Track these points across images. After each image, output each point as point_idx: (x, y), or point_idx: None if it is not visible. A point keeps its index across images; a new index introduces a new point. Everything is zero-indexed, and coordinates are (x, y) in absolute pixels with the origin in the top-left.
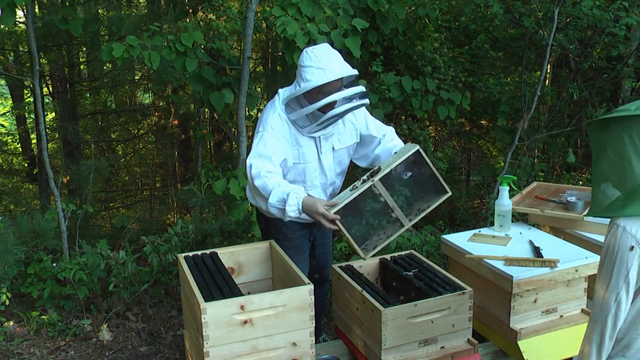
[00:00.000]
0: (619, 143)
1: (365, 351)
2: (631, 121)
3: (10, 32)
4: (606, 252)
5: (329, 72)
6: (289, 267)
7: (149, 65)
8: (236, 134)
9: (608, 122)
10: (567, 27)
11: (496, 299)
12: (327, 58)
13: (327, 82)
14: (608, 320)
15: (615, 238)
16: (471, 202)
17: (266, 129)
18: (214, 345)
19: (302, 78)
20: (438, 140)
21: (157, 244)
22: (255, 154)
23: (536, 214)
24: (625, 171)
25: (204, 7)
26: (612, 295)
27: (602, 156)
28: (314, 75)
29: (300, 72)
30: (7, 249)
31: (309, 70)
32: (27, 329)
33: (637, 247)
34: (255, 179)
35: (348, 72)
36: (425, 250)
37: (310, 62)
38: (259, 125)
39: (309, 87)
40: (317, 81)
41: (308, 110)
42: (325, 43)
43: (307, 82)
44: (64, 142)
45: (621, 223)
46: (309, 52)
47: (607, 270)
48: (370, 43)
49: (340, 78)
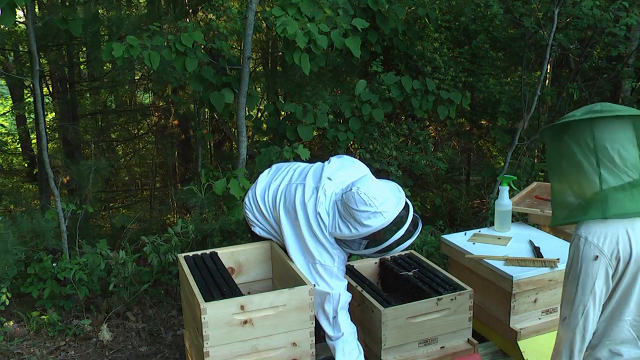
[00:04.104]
0: (570, 151)
1: (365, 351)
2: (576, 126)
3: (10, 32)
4: (570, 265)
5: (387, 215)
6: (289, 267)
7: (149, 65)
8: (236, 134)
9: (555, 128)
10: (567, 27)
11: (496, 299)
12: (381, 199)
13: (388, 225)
14: (577, 334)
15: (578, 250)
16: (471, 202)
17: (331, 248)
18: (214, 345)
19: (358, 222)
20: (438, 140)
21: (157, 244)
22: (336, 276)
23: (536, 214)
24: (580, 179)
25: (204, 7)
26: (579, 308)
27: (556, 164)
28: (371, 220)
29: (355, 215)
30: (7, 249)
31: (364, 215)
32: (27, 329)
33: (601, 256)
34: (342, 309)
35: (401, 205)
36: (425, 250)
37: (366, 207)
38: (310, 229)
39: (370, 231)
40: (378, 226)
41: (376, 249)
42: (368, 175)
43: (367, 227)
44: (64, 142)
45: (582, 233)
46: (361, 195)
47: (572, 283)
48: (370, 43)
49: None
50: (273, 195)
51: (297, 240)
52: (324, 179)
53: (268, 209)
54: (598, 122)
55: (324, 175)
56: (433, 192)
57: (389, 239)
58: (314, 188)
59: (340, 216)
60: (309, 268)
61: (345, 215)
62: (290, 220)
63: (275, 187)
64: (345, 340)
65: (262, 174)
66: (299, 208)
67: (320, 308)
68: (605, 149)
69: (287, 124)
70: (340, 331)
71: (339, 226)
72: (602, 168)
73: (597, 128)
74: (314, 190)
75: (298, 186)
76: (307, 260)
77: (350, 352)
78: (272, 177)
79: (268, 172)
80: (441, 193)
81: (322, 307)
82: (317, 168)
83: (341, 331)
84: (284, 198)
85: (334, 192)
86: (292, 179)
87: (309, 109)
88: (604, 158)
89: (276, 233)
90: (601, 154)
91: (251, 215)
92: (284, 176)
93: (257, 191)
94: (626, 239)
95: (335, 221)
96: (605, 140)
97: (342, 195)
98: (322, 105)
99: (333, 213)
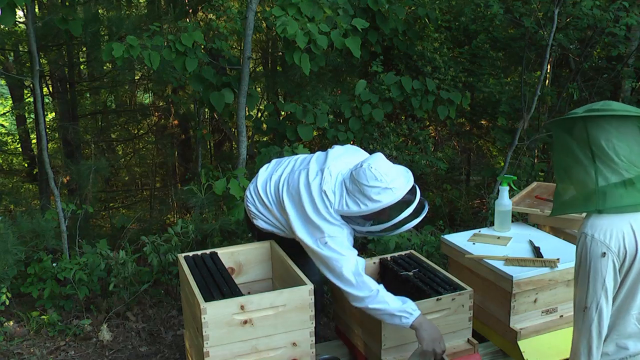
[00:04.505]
0: (570, 146)
1: (365, 351)
2: (575, 123)
3: (10, 32)
4: (579, 263)
5: (396, 191)
6: (289, 267)
7: (149, 65)
8: (236, 134)
9: (557, 124)
10: (567, 27)
11: (496, 299)
12: (391, 176)
13: (398, 201)
14: (593, 331)
15: (585, 248)
16: (471, 202)
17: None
18: (214, 345)
19: (368, 197)
20: (438, 140)
21: (157, 244)
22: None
23: (536, 214)
24: (579, 174)
25: (204, 7)
26: (592, 305)
27: (561, 157)
28: (381, 195)
29: (365, 191)
30: (7, 249)
31: (375, 190)
32: (27, 329)
33: (608, 252)
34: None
35: (410, 183)
36: (425, 250)
37: (376, 183)
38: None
39: (380, 207)
40: (388, 202)
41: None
42: (379, 153)
43: (377, 202)
44: (64, 142)
45: (589, 231)
46: (372, 170)
47: (583, 281)
48: (370, 43)
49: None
50: (275, 185)
51: (303, 222)
52: (329, 161)
53: (270, 199)
54: (594, 120)
55: (329, 159)
56: (433, 192)
57: (397, 217)
58: (319, 170)
59: (349, 193)
60: (318, 245)
61: (354, 192)
62: (294, 204)
63: (277, 177)
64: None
65: (262, 168)
66: (303, 190)
67: (339, 279)
68: (602, 146)
69: (287, 124)
70: (371, 288)
71: (346, 203)
72: (600, 164)
73: (592, 126)
74: (318, 172)
75: (301, 172)
76: (315, 237)
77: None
78: (272, 170)
79: (267, 167)
80: (441, 193)
81: (341, 277)
82: (320, 154)
83: (372, 288)
84: (287, 185)
85: (340, 172)
86: (295, 167)
87: (309, 109)
88: (602, 155)
89: (279, 224)
90: (598, 151)
91: (253, 208)
92: (286, 166)
93: (259, 184)
94: (631, 234)
95: (343, 199)
96: (600, 138)
97: (351, 172)
98: (322, 105)
99: (340, 191)
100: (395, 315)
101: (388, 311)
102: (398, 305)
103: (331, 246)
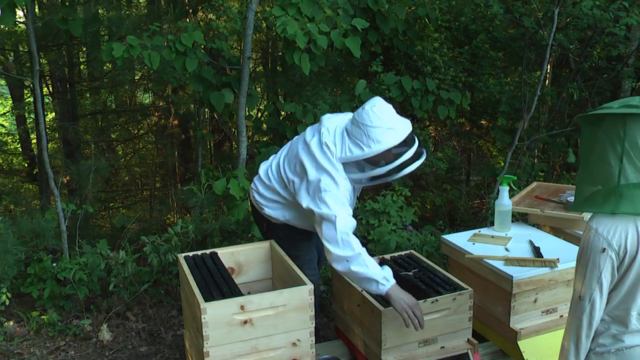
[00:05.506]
0: (600, 142)
1: (365, 351)
2: (610, 119)
3: (10, 32)
4: (580, 253)
5: (398, 132)
6: (289, 267)
7: (149, 65)
8: (236, 134)
9: (590, 118)
10: (567, 27)
11: (496, 299)
12: (393, 118)
13: (400, 142)
14: (583, 320)
15: (588, 240)
16: (471, 202)
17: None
18: (214, 345)
19: (371, 138)
20: (438, 140)
21: (157, 244)
22: (341, 202)
23: (536, 214)
24: (604, 171)
25: (204, 7)
26: (586, 296)
27: (586, 153)
28: (384, 136)
29: (369, 132)
30: (7, 249)
31: (377, 131)
32: (27, 329)
33: (608, 249)
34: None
35: (410, 127)
36: (425, 250)
37: (379, 122)
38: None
39: (382, 148)
40: (390, 142)
41: (387, 169)
42: (379, 97)
43: (379, 143)
44: (64, 142)
45: (594, 225)
46: (375, 111)
47: (581, 271)
48: (370, 43)
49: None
50: (276, 165)
51: (304, 183)
52: (324, 122)
53: (273, 178)
54: (636, 117)
55: (323, 121)
56: (433, 192)
57: (398, 159)
58: (315, 132)
59: (351, 138)
60: (315, 200)
61: (357, 135)
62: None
63: (277, 159)
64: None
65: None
66: (303, 153)
67: (326, 238)
68: (637, 144)
69: (287, 124)
70: (354, 249)
71: (349, 149)
72: (627, 162)
73: (632, 123)
74: (315, 133)
75: (299, 142)
76: (313, 193)
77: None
78: (272, 158)
79: (266, 162)
80: (441, 193)
81: (329, 236)
82: (313, 125)
83: (355, 249)
84: (288, 160)
85: (338, 126)
86: (292, 145)
87: (309, 109)
88: (634, 153)
89: (283, 200)
90: (632, 149)
91: (258, 196)
92: (283, 149)
93: (261, 172)
94: (635, 234)
95: (345, 145)
96: (638, 136)
97: (353, 116)
98: (322, 105)
99: (341, 140)
100: (373, 280)
101: (367, 275)
102: (378, 270)
103: (325, 200)
